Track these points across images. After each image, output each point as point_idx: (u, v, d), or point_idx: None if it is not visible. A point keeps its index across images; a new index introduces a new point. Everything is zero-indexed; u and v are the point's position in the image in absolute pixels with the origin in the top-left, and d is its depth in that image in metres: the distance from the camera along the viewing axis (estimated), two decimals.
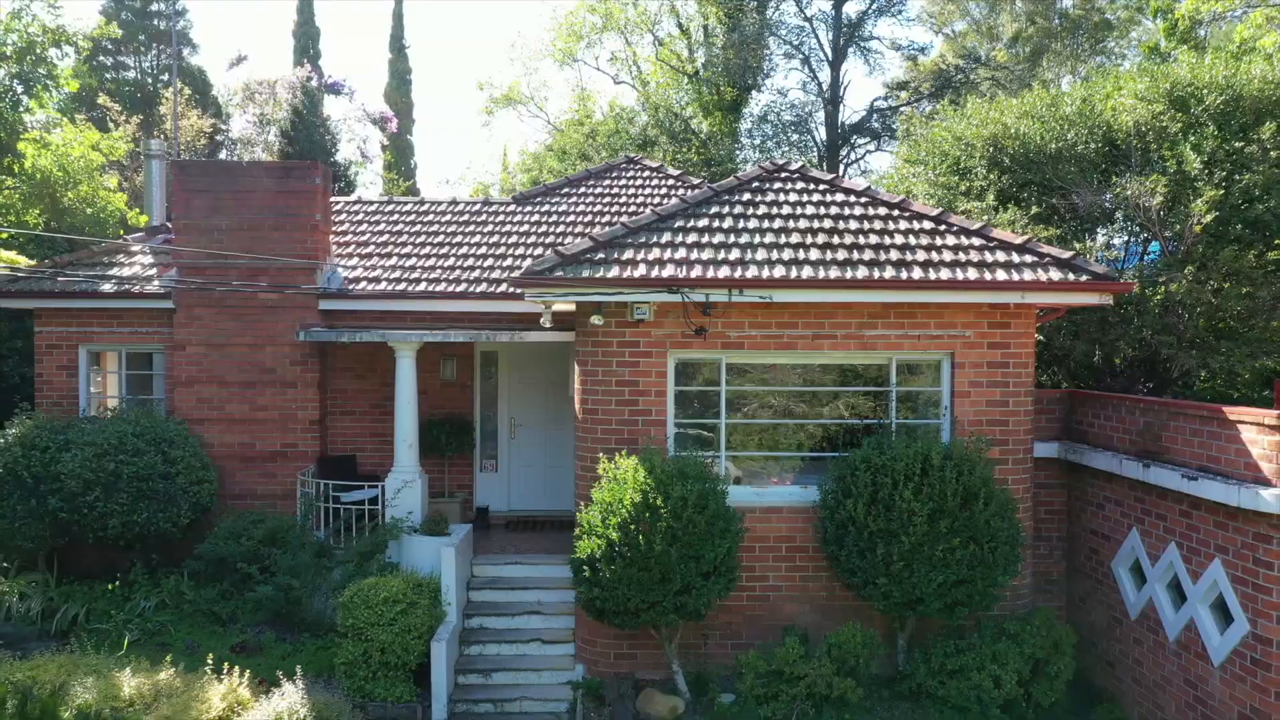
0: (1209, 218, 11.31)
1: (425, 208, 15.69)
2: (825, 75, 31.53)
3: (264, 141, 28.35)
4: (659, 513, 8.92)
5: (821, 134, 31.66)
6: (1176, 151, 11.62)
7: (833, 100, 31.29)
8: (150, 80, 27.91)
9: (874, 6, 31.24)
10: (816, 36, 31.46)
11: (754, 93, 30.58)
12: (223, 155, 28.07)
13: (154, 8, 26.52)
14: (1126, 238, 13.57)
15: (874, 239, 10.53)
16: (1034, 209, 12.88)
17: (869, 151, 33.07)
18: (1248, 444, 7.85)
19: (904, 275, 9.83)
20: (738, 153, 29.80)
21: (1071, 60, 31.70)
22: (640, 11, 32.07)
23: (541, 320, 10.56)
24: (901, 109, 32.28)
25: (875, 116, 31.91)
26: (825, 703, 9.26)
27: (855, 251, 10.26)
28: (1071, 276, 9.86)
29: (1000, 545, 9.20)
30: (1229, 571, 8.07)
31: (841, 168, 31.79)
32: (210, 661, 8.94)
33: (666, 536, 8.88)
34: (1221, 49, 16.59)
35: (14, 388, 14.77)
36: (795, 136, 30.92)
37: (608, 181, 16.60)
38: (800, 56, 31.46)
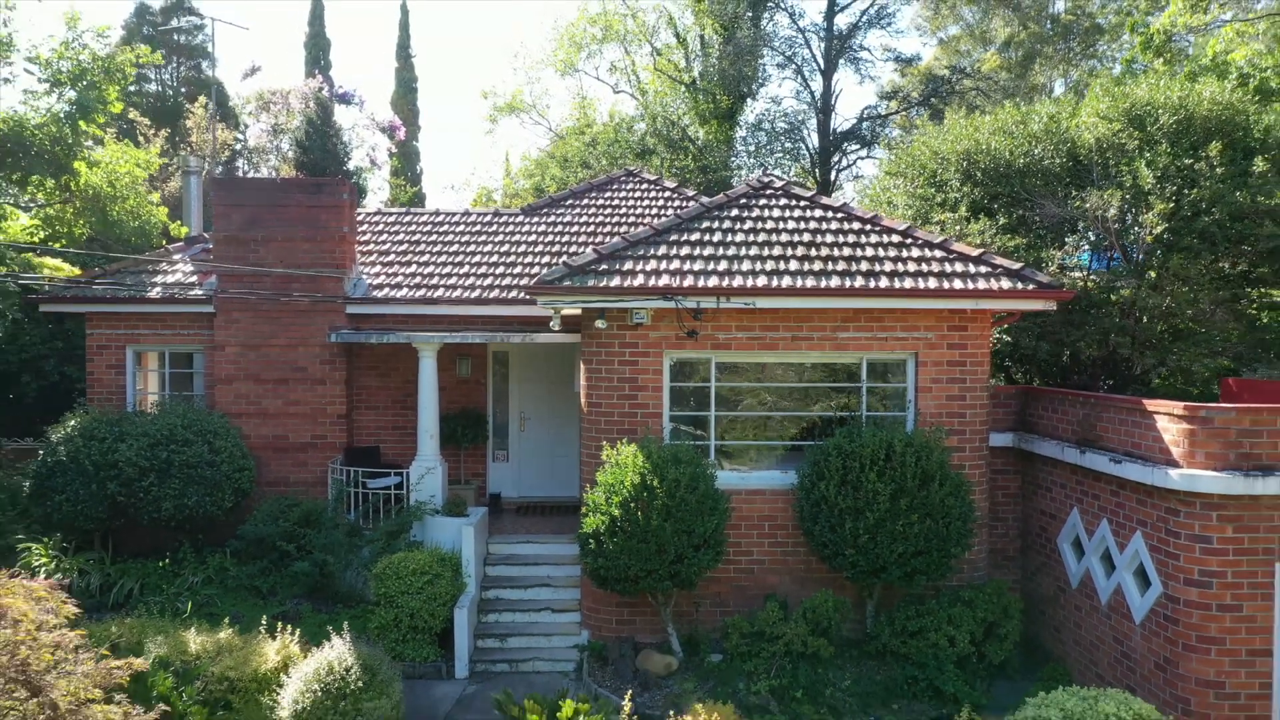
0: (1160, 229, 12.24)
1: (440, 218, 16.89)
2: (818, 84, 32.53)
3: (278, 150, 29.45)
4: (655, 493, 10.12)
5: (814, 141, 32.65)
6: (1132, 167, 12.51)
7: (825, 109, 32.29)
8: (171, 93, 29.10)
9: (864, 18, 32.26)
10: (809, 47, 32.43)
11: (749, 101, 31.61)
12: (239, 164, 29.20)
13: (174, 23, 27.70)
14: (1090, 247, 14.62)
15: (847, 251, 11.73)
16: (1003, 220, 13.79)
17: (860, 158, 33.95)
18: (1162, 431, 9.07)
19: (873, 284, 11.03)
20: (732, 160, 30.79)
21: (1063, 64, 32.42)
22: (639, 23, 33.23)
23: (551, 324, 11.76)
24: (892, 116, 33.27)
25: (866, 124, 32.91)
26: (801, 659, 10.45)
27: (830, 263, 11.45)
28: (1020, 285, 11.07)
29: (954, 521, 10.41)
30: (1148, 542, 9.29)
31: (833, 174, 32.72)
32: (264, 623, 10.17)
33: (662, 513, 10.08)
34: (1197, 60, 17.44)
35: (54, 385, 16.00)
36: (788, 144, 31.82)
37: (609, 193, 17.81)
38: (793, 66, 32.38)
